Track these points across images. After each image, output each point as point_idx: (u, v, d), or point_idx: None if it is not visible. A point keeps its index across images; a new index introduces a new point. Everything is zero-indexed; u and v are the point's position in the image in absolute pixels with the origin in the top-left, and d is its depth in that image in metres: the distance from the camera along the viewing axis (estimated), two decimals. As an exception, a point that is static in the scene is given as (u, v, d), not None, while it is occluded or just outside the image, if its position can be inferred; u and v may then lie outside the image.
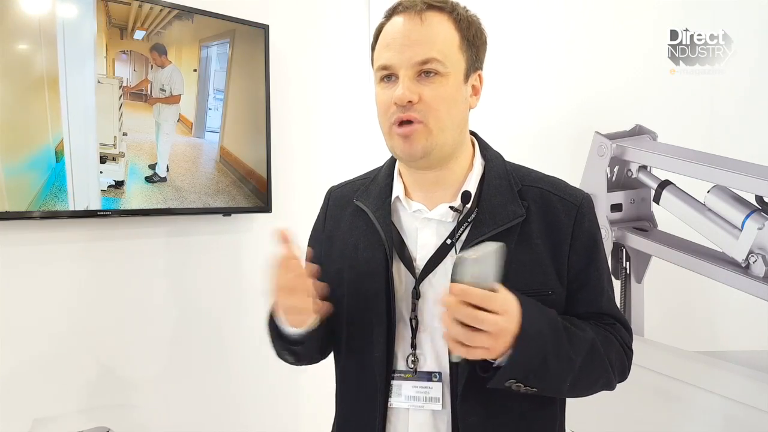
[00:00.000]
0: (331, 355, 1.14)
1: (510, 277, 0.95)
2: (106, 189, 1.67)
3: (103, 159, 1.67)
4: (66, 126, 1.58)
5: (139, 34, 1.74)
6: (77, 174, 1.61)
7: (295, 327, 0.99)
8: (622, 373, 1.04)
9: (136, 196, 1.73)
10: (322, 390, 1.41)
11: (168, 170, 1.79)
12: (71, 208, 1.60)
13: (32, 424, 1.60)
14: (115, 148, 1.70)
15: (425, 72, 0.95)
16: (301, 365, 1.12)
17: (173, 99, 1.79)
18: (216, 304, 1.97)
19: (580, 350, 0.94)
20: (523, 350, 0.86)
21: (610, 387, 1.03)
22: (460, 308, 0.83)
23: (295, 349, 1.03)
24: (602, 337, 0.99)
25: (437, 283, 0.99)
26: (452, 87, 0.96)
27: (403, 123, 0.95)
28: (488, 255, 0.84)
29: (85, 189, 1.63)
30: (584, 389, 1.00)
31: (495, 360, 0.89)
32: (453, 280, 0.85)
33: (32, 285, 1.62)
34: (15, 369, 1.58)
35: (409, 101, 0.94)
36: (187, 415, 1.90)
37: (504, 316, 0.84)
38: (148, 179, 1.76)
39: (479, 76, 1.03)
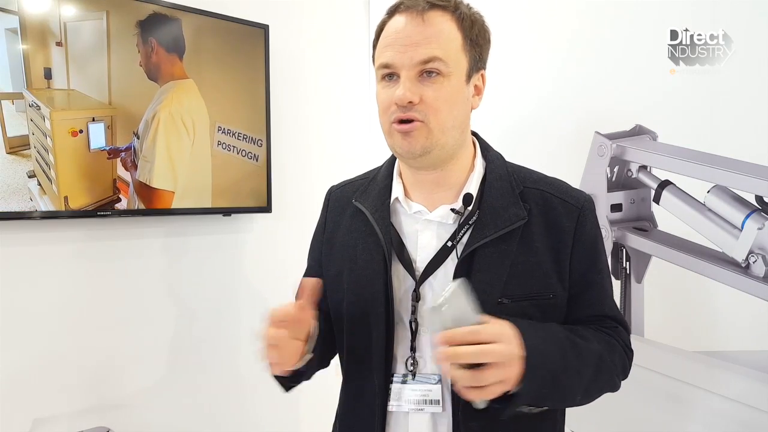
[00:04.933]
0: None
1: (511, 281, 0.96)
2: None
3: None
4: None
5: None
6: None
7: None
8: (624, 374, 1.05)
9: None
10: (323, 391, 1.41)
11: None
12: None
13: (32, 424, 1.60)
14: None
15: (427, 72, 0.94)
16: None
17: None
18: (216, 304, 1.97)
19: (589, 363, 0.94)
20: (533, 373, 0.85)
21: (614, 389, 1.03)
22: (457, 351, 0.81)
23: (293, 386, 1.05)
24: (606, 344, 0.99)
25: (438, 285, 0.99)
26: (454, 87, 0.95)
27: (403, 121, 0.95)
28: (454, 295, 0.82)
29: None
30: (592, 397, 1.00)
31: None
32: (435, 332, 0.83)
33: (31, 285, 1.62)
34: (15, 369, 1.58)
35: (410, 102, 0.93)
36: (187, 415, 1.90)
37: (501, 342, 0.83)
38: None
39: (482, 75, 1.02)
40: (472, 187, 1.01)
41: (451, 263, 0.98)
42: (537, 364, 0.86)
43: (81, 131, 1.64)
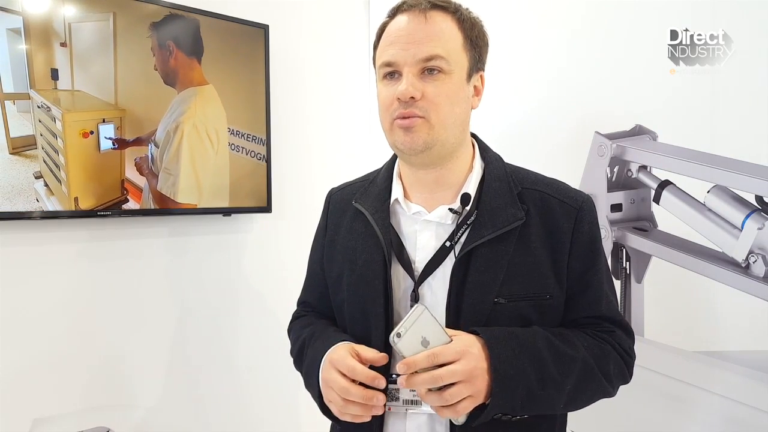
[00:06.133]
0: None
1: (508, 281, 0.95)
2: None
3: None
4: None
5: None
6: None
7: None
8: (623, 379, 1.03)
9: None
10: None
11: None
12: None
13: (32, 424, 1.60)
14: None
15: (429, 69, 0.94)
16: None
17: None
18: (216, 304, 1.97)
19: (570, 372, 0.93)
20: (503, 384, 0.87)
21: (609, 396, 1.02)
22: (415, 379, 0.84)
23: None
24: (597, 351, 0.98)
25: (436, 285, 0.99)
26: (455, 85, 0.96)
27: (404, 117, 0.95)
28: (414, 321, 0.85)
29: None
30: (580, 405, 1.00)
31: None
32: (399, 359, 0.86)
33: (32, 285, 1.62)
34: (15, 369, 1.58)
35: (412, 97, 0.93)
36: (187, 415, 1.90)
37: (462, 360, 0.85)
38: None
39: (481, 76, 1.03)
40: (471, 188, 1.02)
41: (449, 263, 0.98)
42: (506, 375, 0.87)
43: (92, 132, 1.64)
